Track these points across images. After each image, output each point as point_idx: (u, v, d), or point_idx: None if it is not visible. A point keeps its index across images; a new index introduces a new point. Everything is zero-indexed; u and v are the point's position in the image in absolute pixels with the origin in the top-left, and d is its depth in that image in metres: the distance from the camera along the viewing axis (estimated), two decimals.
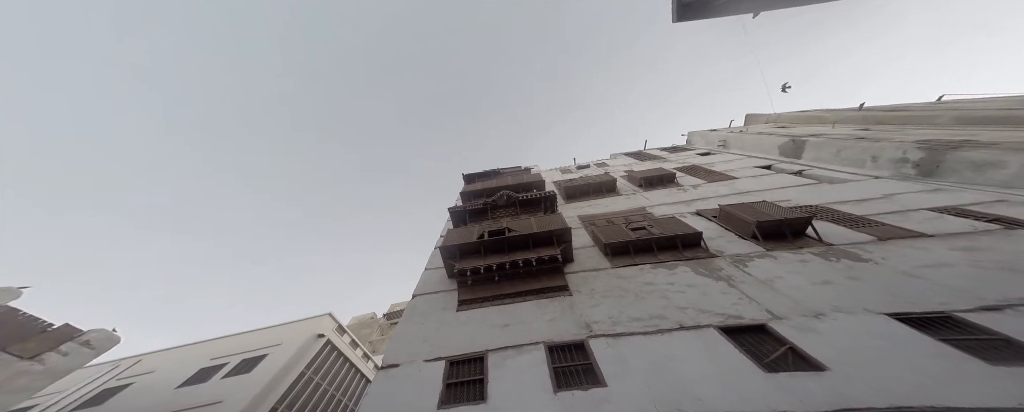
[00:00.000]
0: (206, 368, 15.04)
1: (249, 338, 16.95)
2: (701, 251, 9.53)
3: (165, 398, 13.56)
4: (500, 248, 10.58)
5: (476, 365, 6.88)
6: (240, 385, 13.53)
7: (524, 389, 5.97)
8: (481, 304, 8.94)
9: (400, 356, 7.21)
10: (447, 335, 7.80)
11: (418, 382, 6.52)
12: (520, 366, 6.55)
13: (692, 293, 7.49)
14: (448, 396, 6.18)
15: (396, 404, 6.08)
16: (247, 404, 12.39)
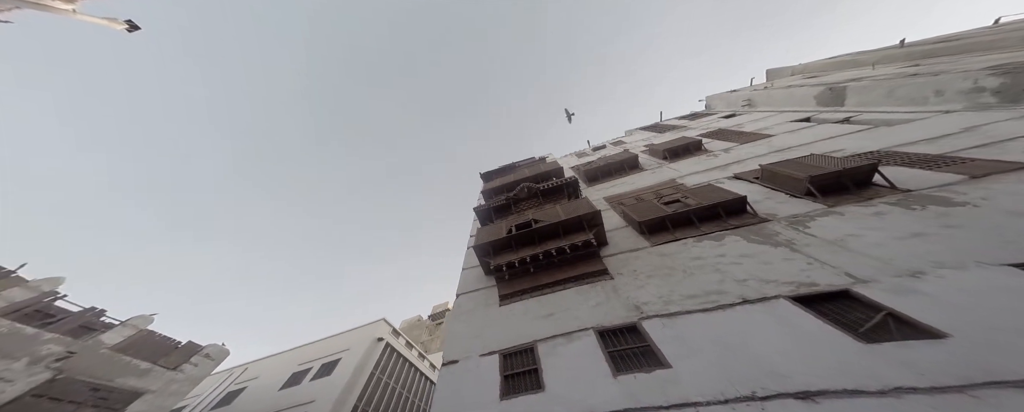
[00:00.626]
0: (297, 372, 16.68)
1: (322, 345, 18.38)
2: (749, 217, 8.51)
3: (272, 398, 15.35)
4: (530, 240, 10.07)
5: (528, 356, 6.51)
6: (326, 386, 14.86)
7: (581, 375, 5.54)
8: (521, 297, 8.50)
9: (457, 353, 7.02)
10: (494, 329, 7.46)
11: (477, 376, 6.33)
12: (572, 353, 6.10)
13: (750, 264, 6.60)
14: (507, 387, 5.92)
15: (463, 398, 5.96)
16: (334, 403, 13.60)
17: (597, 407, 4.89)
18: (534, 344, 6.70)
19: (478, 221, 14.38)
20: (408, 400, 17.24)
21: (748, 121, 18.53)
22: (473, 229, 14.88)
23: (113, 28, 11.25)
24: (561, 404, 5.24)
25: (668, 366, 5.02)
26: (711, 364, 4.75)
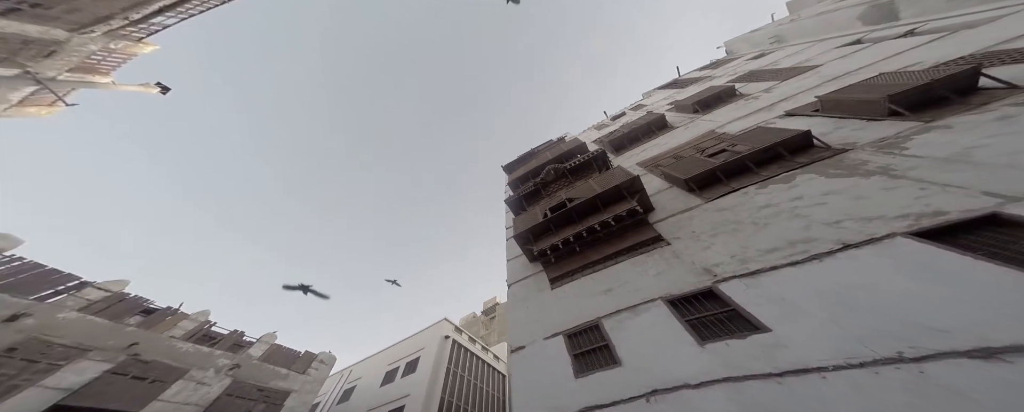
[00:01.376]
0: (389, 371, 18.11)
1: (402, 346, 19.62)
2: (820, 151, 7.17)
3: (376, 394, 16.89)
4: (568, 220, 9.34)
5: (594, 333, 5.92)
6: (414, 382, 15.92)
7: (660, 347, 4.87)
8: (572, 277, 7.86)
9: (522, 339, 6.66)
10: (552, 312, 6.92)
11: (547, 358, 5.93)
12: (643, 326, 5.41)
13: (838, 202, 5.45)
14: (580, 366, 5.46)
15: (539, 379, 5.62)
16: (425, 395, 14.57)
17: (689, 378, 4.19)
18: (598, 321, 6.07)
19: (510, 212, 13.81)
20: (482, 389, 17.86)
21: (783, 57, 16.24)
22: (508, 221, 14.35)
23: (149, 92, 11.95)
24: (645, 377, 4.59)
25: (766, 329, 4.18)
26: (824, 323, 3.85)
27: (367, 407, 16.48)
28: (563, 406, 5.00)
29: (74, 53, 10.20)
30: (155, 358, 10.59)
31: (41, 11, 8.60)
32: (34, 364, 8.54)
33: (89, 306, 10.37)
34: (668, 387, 4.30)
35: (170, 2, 10.13)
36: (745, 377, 3.82)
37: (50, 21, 9.02)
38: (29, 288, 9.60)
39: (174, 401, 10.15)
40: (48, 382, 8.50)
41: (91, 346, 9.65)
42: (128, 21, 10.04)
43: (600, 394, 4.83)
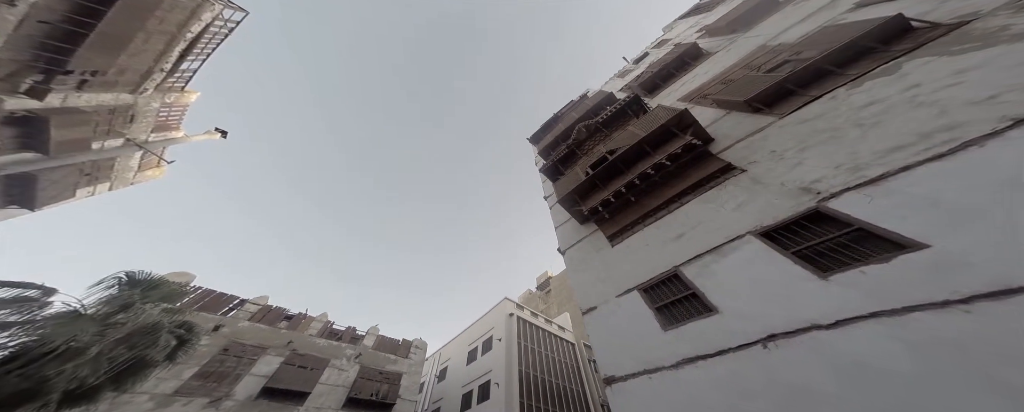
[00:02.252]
0: (470, 351, 19.12)
1: (475, 328, 20.57)
2: (926, 31, 5.62)
3: (465, 372, 18.03)
4: (614, 172, 8.46)
5: (675, 283, 5.30)
6: (493, 359, 16.64)
7: (766, 286, 4.17)
8: (632, 230, 7.14)
9: (591, 300, 6.26)
10: (619, 269, 6.34)
11: (625, 315, 5.48)
12: (735, 266, 4.69)
13: (983, 76, 4.15)
14: (666, 318, 4.93)
15: (622, 337, 5.21)
16: (506, 370, 15.05)
17: (818, 317, 3.48)
18: (676, 270, 5.38)
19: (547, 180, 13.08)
20: (554, 359, 18.21)
21: None
22: (546, 190, 13.67)
23: (213, 138, 12.81)
24: (754, 321, 3.93)
25: (920, 246, 3.28)
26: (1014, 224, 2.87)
27: (460, 384, 17.69)
28: (656, 359, 4.51)
29: (147, 113, 10.99)
30: (307, 352, 12.79)
31: (101, 78, 9.08)
32: (241, 359, 11.19)
33: (252, 316, 12.83)
34: (790, 330, 3.61)
35: (185, 46, 10.17)
36: (906, 309, 3.00)
37: (113, 87, 9.51)
38: (214, 307, 12.16)
39: (328, 384, 12.39)
40: (254, 371, 11.18)
41: (267, 345, 12.16)
42: (165, 73, 10.32)
43: (699, 344, 4.26)
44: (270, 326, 12.96)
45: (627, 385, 4.48)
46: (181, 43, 9.76)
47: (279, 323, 13.43)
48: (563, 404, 15.49)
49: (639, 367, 4.54)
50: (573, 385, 17.21)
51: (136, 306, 7.19)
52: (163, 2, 8.20)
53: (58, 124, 8.44)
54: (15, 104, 7.74)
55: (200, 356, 10.44)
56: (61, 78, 8.10)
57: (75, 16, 7.32)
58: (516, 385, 14.33)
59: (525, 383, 14.85)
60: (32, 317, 6.26)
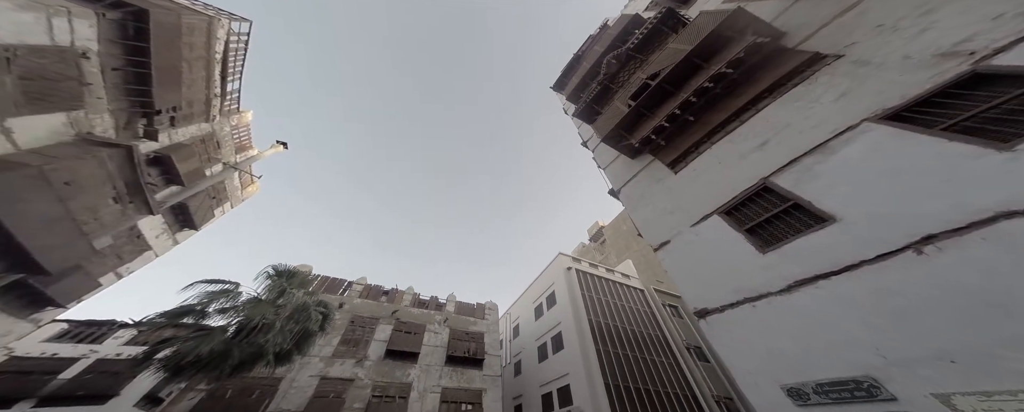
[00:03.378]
0: (536, 307, 19.55)
1: (536, 286, 20.82)
2: None
3: (536, 327, 18.63)
4: (662, 95, 7.29)
5: (767, 198, 4.46)
6: (559, 312, 16.87)
7: (910, 177, 3.18)
8: (696, 151, 6.21)
9: (662, 234, 5.67)
10: (689, 196, 5.61)
11: (707, 244, 4.83)
12: (852, 162, 3.70)
13: None
14: (761, 239, 4.21)
15: (708, 267, 4.64)
16: (574, 321, 15.20)
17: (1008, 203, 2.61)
18: (765, 183, 4.53)
19: (583, 124, 12.01)
20: (623, 306, 17.83)
21: None
22: (585, 134, 12.62)
23: (279, 151, 13.62)
24: (895, 225, 3.12)
25: None
26: None
27: (533, 337, 18.47)
28: (758, 286, 3.93)
29: (225, 137, 12.09)
30: (408, 320, 14.62)
31: (181, 113, 9.69)
32: (365, 328, 13.46)
33: (360, 293, 14.94)
34: (959, 226, 2.79)
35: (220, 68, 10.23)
36: None
37: (192, 119, 10.38)
38: (332, 289, 14.36)
39: (429, 345, 14.14)
40: (375, 337, 13.35)
41: (378, 316, 14.18)
42: (219, 98, 10.74)
43: (814, 262, 3.57)
44: (375, 301, 15.06)
45: (724, 317, 4.02)
46: (216, 66, 9.87)
47: (380, 298, 15.40)
48: (642, 348, 15.36)
49: (736, 296, 4.02)
50: (650, 330, 16.84)
51: (288, 292, 9.31)
52: (182, 25, 8.08)
53: (177, 159, 9.63)
54: (145, 147, 8.94)
55: (339, 327, 12.86)
56: (157, 118, 8.72)
57: (131, 58, 7.53)
58: (588, 334, 14.48)
59: (598, 331, 14.91)
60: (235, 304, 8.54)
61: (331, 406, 11.08)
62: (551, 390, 14.78)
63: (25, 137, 6.63)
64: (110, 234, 8.07)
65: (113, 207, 7.75)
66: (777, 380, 3.53)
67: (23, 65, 6.10)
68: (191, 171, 10.25)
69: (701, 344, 16.80)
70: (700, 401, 13.57)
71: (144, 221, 9.49)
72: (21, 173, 5.95)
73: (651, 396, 13.15)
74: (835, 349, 3.25)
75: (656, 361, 14.80)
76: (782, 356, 3.56)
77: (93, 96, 7.39)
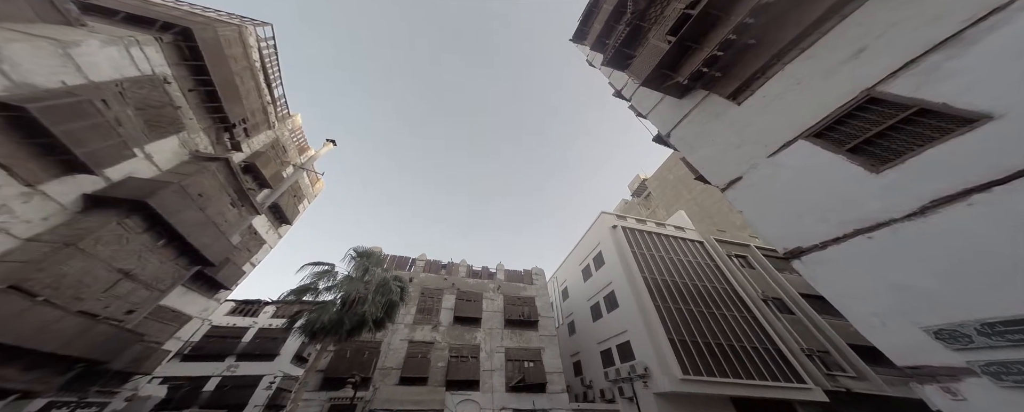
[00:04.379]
0: (583, 269, 18.85)
1: (581, 248, 20.10)
2: None
3: (585, 288, 18.14)
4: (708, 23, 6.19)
5: (873, 112, 3.59)
6: (609, 271, 16.36)
7: None
8: (763, 76, 5.26)
9: (730, 172, 4.99)
10: (760, 126, 4.85)
11: (791, 174, 4.11)
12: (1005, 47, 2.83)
13: None
14: (872, 158, 3.44)
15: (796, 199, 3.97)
16: (626, 279, 14.85)
17: None
18: (871, 93, 3.67)
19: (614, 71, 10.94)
20: (681, 261, 16.49)
21: None
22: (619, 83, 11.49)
23: (331, 148, 14.82)
24: None
25: None
26: None
27: (585, 298, 17.76)
28: (873, 213, 3.24)
29: (286, 141, 13.19)
30: (466, 289, 15.82)
31: (249, 124, 10.76)
32: (433, 298, 14.89)
33: (423, 269, 16.45)
34: None
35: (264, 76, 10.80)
36: None
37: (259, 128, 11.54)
38: (401, 266, 16.00)
39: (488, 311, 15.27)
40: (443, 306, 14.78)
41: (441, 287, 15.55)
42: (272, 104, 11.44)
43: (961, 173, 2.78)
44: (437, 274, 16.39)
45: (827, 255, 3.50)
46: (259, 74, 10.52)
47: (440, 271, 16.68)
48: (708, 303, 14.33)
49: (842, 228, 3.42)
50: (715, 284, 15.57)
51: (370, 270, 10.87)
52: (219, 39, 8.60)
53: (261, 165, 11.00)
54: (237, 158, 10.25)
55: (414, 298, 14.31)
56: (235, 131, 9.84)
57: (196, 77, 8.32)
58: (644, 291, 14.02)
59: (654, 288, 14.29)
60: (335, 282, 10.11)
61: (421, 364, 12.65)
62: (610, 347, 14.94)
63: (160, 159, 7.88)
64: (238, 232, 9.72)
65: (232, 211, 9.25)
66: (914, 321, 3.03)
67: (133, 97, 7.03)
68: (273, 175, 11.62)
69: (781, 295, 15.39)
70: (786, 356, 12.60)
71: (256, 220, 11.15)
72: (171, 190, 7.23)
73: (724, 351, 12.47)
74: (1008, 279, 2.58)
75: (726, 316, 13.91)
76: (918, 293, 3.01)
77: (186, 118, 8.41)
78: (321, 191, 16.17)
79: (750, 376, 11.97)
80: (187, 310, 9.78)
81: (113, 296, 6.73)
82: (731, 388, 11.57)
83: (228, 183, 9.08)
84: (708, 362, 12.06)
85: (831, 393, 11.83)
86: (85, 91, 6.10)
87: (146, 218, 6.98)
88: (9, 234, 5.61)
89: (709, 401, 11.59)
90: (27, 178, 5.66)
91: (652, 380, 11.90)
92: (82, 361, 6.35)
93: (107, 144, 6.43)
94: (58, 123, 5.68)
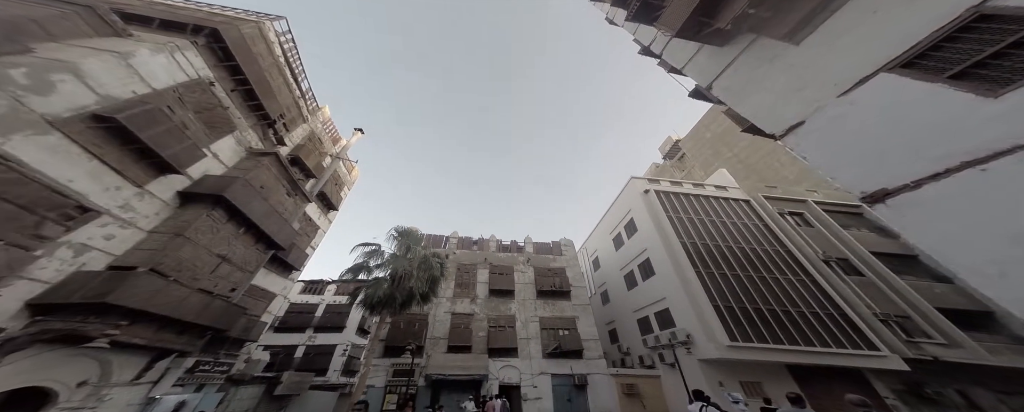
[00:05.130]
0: (615, 238, 18.52)
1: (611, 216, 19.62)
2: None
3: (617, 257, 17.86)
4: None
5: (981, 31, 2.86)
6: (643, 238, 15.64)
7: None
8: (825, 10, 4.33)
9: (790, 116, 4.28)
10: (828, 63, 4.07)
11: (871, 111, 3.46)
12: None
13: None
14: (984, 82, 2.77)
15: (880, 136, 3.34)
16: (662, 244, 14.07)
17: None
18: (978, 11, 2.86)
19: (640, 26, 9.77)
20: (723, 223, 15.00)
21: None
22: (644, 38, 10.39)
23: (360, 138, 15.49)
24: None
25: None
26: None
27: (617, 267, 17.41)
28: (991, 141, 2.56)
29: (322, 133, 14.16)
30: (498, 263, 16.67)
31: (287, 118, 11.42)
32: (469, 273, 15.97)
33: (457, 245, 17.37)
34: None
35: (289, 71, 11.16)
36: None
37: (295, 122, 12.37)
38: (436, 244, 17.09)
39: (520, 283, 16.01)
40: (478, 280, 15.76)
41: (475, 262, 16.55)
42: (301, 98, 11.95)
43: None
44: (469, 250, 17.27)
45: (922, 194, 2.92)
46: (285, 68, 10.99)
47: (472, 247, 17.56)
48: (758, 267, 13.16)
49: (946, 162, 2.74)
50: (766, 246, 14.12)
51: (412, 248, 11.77)
52: (244, 37, 8.95)
53: (303, 156, 11.94)
54: (283, 151, 11.17)
55: (451, 273, 15.14)
56: (277, 127, 10.62)
57: (233, 78, 8.96)
58: (683, 257, 13.23)
59: (695, 253, 13.37)
60: (383, 260, 11.19)
61: (464, 334, 13.66)
62: (647, 315, 14.73)
63: (224, 157, 8.85)
64: (296, 219, 10.91)
65: (289, 200, 10.38)
66: None
67: (189, 101, 7.76)
68: (315, 165, 12.59)
69: (847, 254, 13.80)
70: (854, 321, 11.56)
71: (308, 208, 12.30)
72: (239, 184, 8.25)
73: (778, 317, 11.73)
74: None
75: (779, 280, 12.93)
76: None
77: (235, 117, 9.20)
78: (357, 178, 17.12)
79: (810, 343, 11.19)
80: (271, 289, 11.29)
81: (218, 277, 8.02)
82: (787, 355, 10.96)
83: (281, 175, 10.07)
84: (760, 329, 11.45)
85: (914, 362, 10.71)
86: (152, 99, 6.91)
87: (226, 210, 8.12)
88: (138, 228, 6.80)
89: (762, 368, 11.13)
90: (136, 180, 6.70)
91: (696, 347, 11.64)
92: (210, 329, 7.79)
93: (182, 146, 7.35)
94: (142, 130, 6.54)
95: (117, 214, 6.48)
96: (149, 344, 6.58)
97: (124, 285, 5.84)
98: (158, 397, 7.27)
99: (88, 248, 6.06)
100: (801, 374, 11.18)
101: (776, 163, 24.15)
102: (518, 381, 12.78)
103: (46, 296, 5.49)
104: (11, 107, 5.13)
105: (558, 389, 12.73)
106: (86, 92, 5.99)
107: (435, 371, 12.25)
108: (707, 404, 5.37)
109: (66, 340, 5.65)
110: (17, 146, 5.18)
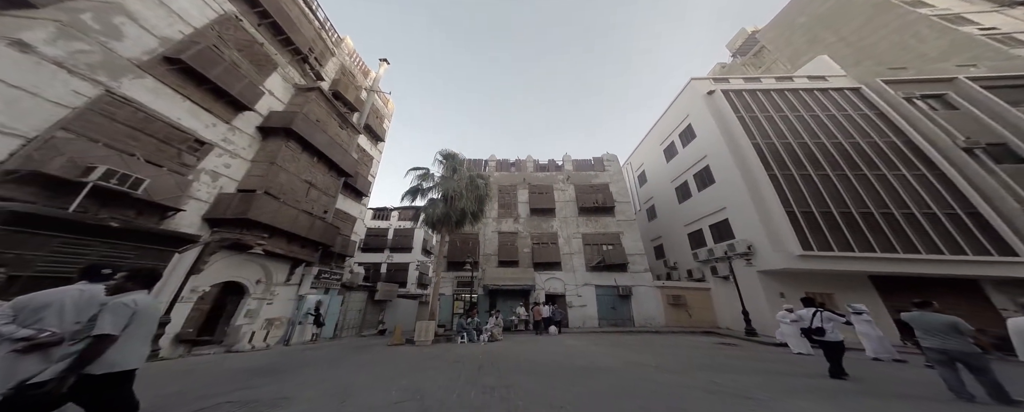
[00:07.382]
0: (666, 148, 16.72)
1: (662, 125, 17.37)
2: None
3: (668, 169, 16.36)
4: None
5: None
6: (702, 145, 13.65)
7: None
8: None
9: None
10: None
11: None
12: None
13: None
14: None
15: None
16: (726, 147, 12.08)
17: None
18: None
19: None
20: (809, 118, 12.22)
21: None
22: None
23: (386, 67, 14.96)
24: None
25: None
26: None
27: (668, 179, 16.02)
28: None
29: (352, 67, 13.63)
30: (536, 182, 16.43)
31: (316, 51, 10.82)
32: (510, 194, 16.12)
33: (495, 168, 17.47)
34: None
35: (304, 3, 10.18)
36: None
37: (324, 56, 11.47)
38: (476, 167, 16.70)
39: (561, 201, 15.76)
40: (519, 200, 15.80)
41: (514, 183, 16.28)
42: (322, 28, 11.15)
43: None
44: (507, 172, 17.19)
45: None
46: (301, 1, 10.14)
47: (510, 169, 17.42)
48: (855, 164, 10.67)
49: None
50: (873, 138, 11.16)
51: (458, 170, 11.72)
52: None
53: (342, 90, 11.88)
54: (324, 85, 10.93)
55: (493, 195, 14.85)
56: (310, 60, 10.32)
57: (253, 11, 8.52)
58: (754, 159, 11.13)
59: (770, 155, 11.19)
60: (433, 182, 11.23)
61: (511, 250, 14.41)
62: (700, 227, 13.47)
63: (278, 94, 8.91)
64: (353, 150, 11.48)
65: (343, 132, 10.78)
66: None
67: (230, 39, 7.51)
68: (355, 99, 12.43)
69: (1005, 137, 10.15)
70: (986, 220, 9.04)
71: (359, 140, 12.70)
72: (300, 118, 8.57)
73: (869, 221, 9.68)
74: None
75: (887, 175, 10.40)
76: None
77: (272, 53, 8.82)
78: (393, 110, 16.71)
79: (912, 249, 9.16)
80: (351, 212, 12.14)
81: (311, 200, 9.00)
82: (875, 264, 9.23)
83: (330, 109, 10.26)
84: (844, 235, 9.61)
85: None
86: (198, 38, 6.83)
87: (298, 141, 8.55)
88: (242, 158, 7.55)
89: (837, 278, 9.68)
90: (223, 117, 7.11)
91: (758, 257, 10.42)
92: (319, 244, 9.10)
93: (242, 85, 7.41)
94: (208, 69, 6.61)
95: (223, 146, 7.26)
96: (286, 254, 8.01)
97: (254, 204, 6.94)
98: (303, 296, 9.20)
99: (218, 174, 7.08)
100: (887, 286, 9.48)
101: (911, 39, 17.34)
102: (563, 291, 13.41)
103: (210, 212, 6.76)
104: (103, 53, 5.45)
105: (602, 298, 13.14)
106: (147, 35, 6.11)
107: (490, 282, 13.45)
108: (821, 309, 4.57)
109: (237, 248, 7.09)
110: (128, 88, 5.68)
